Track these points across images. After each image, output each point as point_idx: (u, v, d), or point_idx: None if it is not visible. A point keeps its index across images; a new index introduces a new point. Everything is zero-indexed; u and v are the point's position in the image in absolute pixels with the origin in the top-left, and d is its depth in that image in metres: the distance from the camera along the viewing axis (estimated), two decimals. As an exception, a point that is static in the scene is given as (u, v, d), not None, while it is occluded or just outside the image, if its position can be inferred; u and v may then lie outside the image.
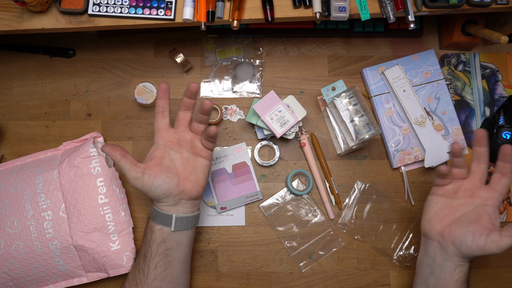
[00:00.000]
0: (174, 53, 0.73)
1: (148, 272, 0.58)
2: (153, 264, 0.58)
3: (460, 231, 0.55)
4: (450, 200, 0.58)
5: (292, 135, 0.70)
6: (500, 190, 0.56)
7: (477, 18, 0.71)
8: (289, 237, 0.72)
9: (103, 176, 0.66)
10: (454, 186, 0.58)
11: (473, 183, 0.58)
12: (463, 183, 0.58)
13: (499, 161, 0.56)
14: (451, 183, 0.59)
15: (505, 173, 0.56)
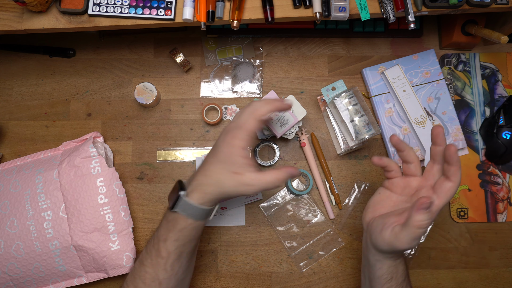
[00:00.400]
0: (174, 53, 0.73)
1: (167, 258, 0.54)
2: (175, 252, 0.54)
3: (376, 223, 0.52)
4: (392, 194, 0.55)
5: (292, 135, 0.70)
6: (441, 195, 0.50)
7: (477, 18, 0.71)
8: (289, 237, 0.72)
9: (103, 176, 0.66)
10: (403, 181, 0.55)
11: (421, 183, 0.54)
12: (412, 181, 0.54)
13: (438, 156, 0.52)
14: (400, 177, 0.55)
15: (449, 176, 0.50)
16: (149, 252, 0.55)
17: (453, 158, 0.49)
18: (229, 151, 0.51)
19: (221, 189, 0.52)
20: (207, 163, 0.54)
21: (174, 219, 0.53)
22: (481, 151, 0.74)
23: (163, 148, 0.74)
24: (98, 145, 0.70)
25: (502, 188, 0.73)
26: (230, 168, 0.51)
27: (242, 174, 0.51)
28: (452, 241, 0.72)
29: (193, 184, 0.53)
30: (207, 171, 0.53)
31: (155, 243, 0.54)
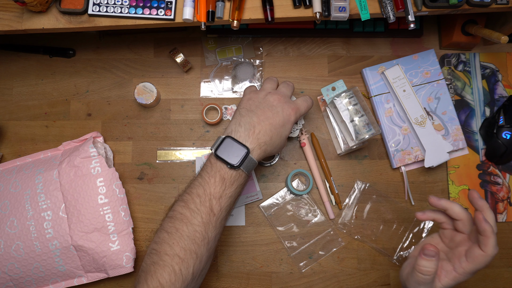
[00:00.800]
0: (174, 53, 0.73)
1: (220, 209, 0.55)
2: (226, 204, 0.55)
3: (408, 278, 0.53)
4: (440, 242, 0.56)
5: (296, 132, 0.70)
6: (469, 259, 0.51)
7: (477, 18, 0.71)
8: (289, 237, 0.72)
9: (103, 176, 0.66)
10: (451, 234, 0.55)
11: (464, 240, 0.54)
12: (458, 235, 0.54)
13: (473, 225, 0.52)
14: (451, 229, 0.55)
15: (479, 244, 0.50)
16: (196, 211, 0.53)
17: (480, 226, 0.49)
18: (290, 119, 0.59)
19: (274, 149, 0.59)
20: (267, 124, 0.57)
21: (234, 176, 0.55)
22: (481, 151, 0.74)
23: (163, 148, 0.74)
24: (98, 145, 0.70)
25: (502, 188, 0.73)
26: (287, 134, 0.59)
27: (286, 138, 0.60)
28: (452, 241, 0.72)
29: (254, 141, 0.56)
30: (269, 132, 0.57)
31: (204, 201, 0.54)
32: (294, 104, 0.60)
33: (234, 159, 0.55)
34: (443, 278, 0.51)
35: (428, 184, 0.73)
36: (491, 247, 0.49)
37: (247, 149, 0.55)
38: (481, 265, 0.50)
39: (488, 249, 0.49)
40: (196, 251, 0.52)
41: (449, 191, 0.73)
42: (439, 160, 0.70)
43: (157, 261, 0.52)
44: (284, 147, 0.62)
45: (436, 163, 0.70)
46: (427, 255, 0.50)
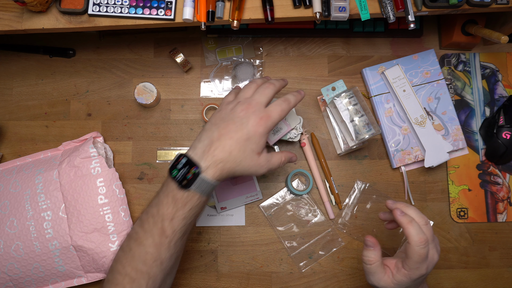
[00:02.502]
0: (174, 53, 0.73)
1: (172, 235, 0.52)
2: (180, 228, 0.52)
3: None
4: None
5: (297, 137, 0.70)
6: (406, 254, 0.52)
7: (477, 18, 0.71)
8: (289, 237, 0.72)
9: (103, 177, 0.66)
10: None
11: None
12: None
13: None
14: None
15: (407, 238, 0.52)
16: (148, 232, 0.51)
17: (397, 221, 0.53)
18: (257, 131, 0.52)
19: (238, 167, 0.52)
20: (227, 138, 0.52)
21: (185, 197, 0.51)
22: (481, 151, 0.74)
23: (163, 148, 0.74)
24: (98, 145, 0.70)
25: (502, 188, 0.73)
26: (255, 148, 0.52)
27: (260, 155, 0.53)
28: (452, 241, 0.72)
29: (209, 159, 0.51)
30: (228, 147, 0.51)
31: (157, 222, 0.51)
32: (265, 112, 0.54)
33: (183, 179, 0.51)
34: (396, 274, 0.53)
35: (428, 184, 0.73)
36: (411, 236, 0.50)
37: (199, 168, 0.51)
38: (414, 257, 0.50)
39: (409, 238, 0.51)
40: (148, 272, 0.51)
41: (449, 191, 0.73)
42: (439, 160, 0.70)
43: (111, 279, 0.52)
44: (264, 165, 0.54)
45: (436, 163, 0.70)
46: (366, 245, 0.54)
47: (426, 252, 0.51)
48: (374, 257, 0.54)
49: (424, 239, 0.50)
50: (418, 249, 0.50)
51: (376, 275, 0.54)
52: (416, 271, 0.52)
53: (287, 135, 0.69)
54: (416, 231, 0.51)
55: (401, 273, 0.52)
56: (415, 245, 0.50)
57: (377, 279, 0.54)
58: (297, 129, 0.70)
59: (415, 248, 0.50)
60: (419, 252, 0.50)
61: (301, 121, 0.70)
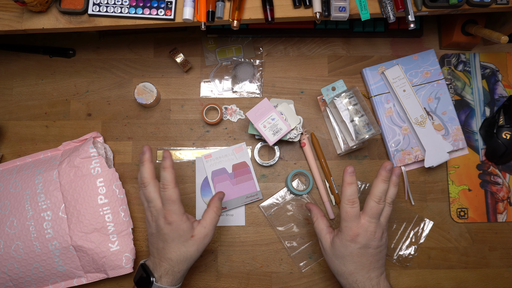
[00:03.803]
0: (174, 53, 0.73)
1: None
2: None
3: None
4: None
5: (297, 137, 0.70)
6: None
7: (477, 18, 0.71)
8: (289, 237, 0.72)
9: (103, 177, 0.66)
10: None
11: None
12: None
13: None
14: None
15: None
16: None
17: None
18: (173, 228, 0.57)
19: (188, 259, 0.59)
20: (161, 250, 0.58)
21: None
22: (481, 151, 0.74)
23: (163, 148, 0.74)
24: (98, 145, 0.70)
25: (502, 188, 0.73)
26: (185, 238, 0.58)
27: (194, 233, 0.58)
28: (452, 241, 0.72)
29: (160, 271, 0.58)
30: (168, 255, 0.58)
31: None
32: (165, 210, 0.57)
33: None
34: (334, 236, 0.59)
35: (428, 184, 0.73)
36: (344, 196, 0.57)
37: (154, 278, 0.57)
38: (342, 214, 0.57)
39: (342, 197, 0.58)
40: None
41: (449, 191, 0.73)
42: (439, 160, 0.70)
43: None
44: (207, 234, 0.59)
45: (436, 163, 0.70)
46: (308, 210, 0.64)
47: (353, 212, 0.56)
48: (313, 215, 0.62)
49: (353, 199, 0.56)
50: (346, 206, 0.57)
51: (320, 231, 0.60)
52: (345, 231, 0.57)
53: (287, 135, 0.69)
54: (350, 191, 0.57)
55: (337, 235, 0.58)
56: (344, 203, 0.57)
57: (320, 238, 0.60)
58: (297, 129, 0.70)
59: (343, 205, 0.57)
60: (346, 209, 0.57)
61: (301, 121, 0.70)
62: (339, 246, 0.57)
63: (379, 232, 0.57)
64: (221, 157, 0.73)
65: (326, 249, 0.60)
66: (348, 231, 0.57)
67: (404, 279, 0.71)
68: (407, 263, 0.71)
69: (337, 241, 0.58)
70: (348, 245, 0.57)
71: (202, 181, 0.73)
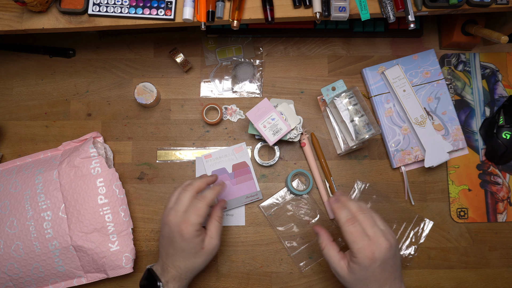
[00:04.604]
0: (174, 53, 0.73)
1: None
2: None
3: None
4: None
5: (297, 137, 0.70)
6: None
7: (477, 18, 0.71)
8: (289, 237, 0.72)
9: (103, 177, 0.66)
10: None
11: None
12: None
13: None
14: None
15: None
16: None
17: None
18: (185, 240, 0.57)
19: (196, 268, 0.60)
20: (170, 256, 0.59)
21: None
22: (481, 151, 0.74)
23: (163, 148, 0.74)
24: (98, 145, 0.70)
25: (502, 188, 0.73)
26: (195, 249, 0.58)
27: (204, 246, 0.59)
28: (452, 241, 0.72)
29: (167, 276, 0.59)
30: (176, 262, 0.59)
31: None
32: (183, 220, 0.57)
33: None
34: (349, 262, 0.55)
35: (428, 184, 0.73)
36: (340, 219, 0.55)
37: (161, 283, 0.58)
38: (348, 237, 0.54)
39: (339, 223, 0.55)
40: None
41: (449, 191, 0.73)
42: (439, 160, 0.70)
43: None
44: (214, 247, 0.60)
45: (436, 163, 0.70)
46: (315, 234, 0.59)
47: (357, 230, 0.53)
48: (322, 241, 0.58)
49: (351, 218, 0.54)
50: (347, 228, 0.54)
51: (331, 259, 0.57)
52: (360, 254, 0.53)
53: (287, 135, 0.69)
54: (345, 213, 0.55)
55: (353, 261, 0.54)
56: (344, 226, 0.54)
57: (334, 266, 0.56)
58: (297, 129, 0.70)
59: (344, 228, 0.54)
60: (349, 230, 0.54)
61: (301, 121, 0.70)
62: (359, 271, 0.53)
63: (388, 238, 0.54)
64: (221, 157, 0.73)
65: (344, 276, 0.55)
66: (363, 252, 0.52)
67: (404, 279, 0.71)
68: (407, 263, 0.71)
69: (355, 266, 0.54)
70: (368, 267, 0.53)
71: (202, 181, 0.73)
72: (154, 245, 0.71)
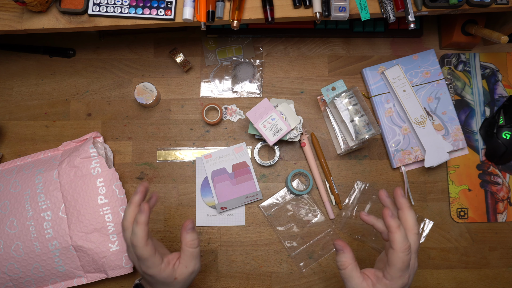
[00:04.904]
0: (174, 53, 0.73)
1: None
2: None
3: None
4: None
5: (297, 137, 0.70)
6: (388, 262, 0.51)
7: (477, 18, 0.71)
8: (289, 237, 0.72)
9: (103, 177, 0.66)
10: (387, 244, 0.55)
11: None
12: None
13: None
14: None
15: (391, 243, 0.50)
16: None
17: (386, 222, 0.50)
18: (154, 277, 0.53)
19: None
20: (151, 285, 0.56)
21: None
22: (481, 151, 0.74)
23: (163, 148, 0.74)
24: (98, 145, 0.70)
25: (502, 188, 0.73)
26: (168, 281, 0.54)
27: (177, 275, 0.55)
28: (452, 241, 0.72)
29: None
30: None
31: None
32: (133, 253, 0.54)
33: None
34: (376, 284, 0.51)
35: (428, 184, 0.73)
36: (397, 242, 0.48)
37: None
38: (397, 264, 0.49)
39: (395, 245, 0.49)
40: None
41: (449, 191, 0.73)
42: (439, 160, 0.70)
43: None
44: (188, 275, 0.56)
45: (436, 163, 0.70)
46: (336, 249, 0.53)
47: (409, 259, 0.49)
48: (346, 260, 0.52)
49: (408, 245, 0.49)
50: (403, 255, 0.48)
51: (353, 280, 0.51)
52: (398, 280, 0.49)
53: (287, 135, 0.69)
54: (402, 237, 0.49)
55: (382, 283, 0.50)
56: (400, 251, 0.49)
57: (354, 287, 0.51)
58: (297, 129, 0.70)
59: (399, 254, 0.48)
60: (403, 259, 0.49)
61: (301, 121, 0.70)
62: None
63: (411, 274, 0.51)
64: (221, 157, 0.73)
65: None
66: (401, 280, 0.50)
67: (404, 279, 0.71)
68: (407, 263, 0.71)
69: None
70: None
71: (202, 181, 0.73)
72: (154, 245, 0.71)
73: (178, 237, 0.72)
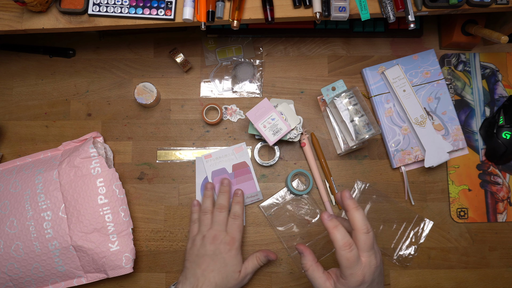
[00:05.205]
0: (174, 53, 0.73)
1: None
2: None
3: None
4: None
5: (297, 137, 0.70)
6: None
7: (477, 18, 0.71)
8: (289, 237, 0.72)
9: (103, 177, 0.66)
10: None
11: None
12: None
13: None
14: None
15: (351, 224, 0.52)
16: None
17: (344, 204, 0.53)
18: (232, 255, 0.63)
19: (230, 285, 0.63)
20: (209, 271, 0.62)
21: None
22: (481, 151, 0.74)
23: (163, 148, 0.74)
24: (98, 145, 0.70)
25: (502, 188, 0.73)
26: (235, 269, 0.63)
27: (241, 269, 0.64)
28: (452, 241, 0.72)
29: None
30: (212, 279, 0.61)
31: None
32: (228, 236, 0.64)
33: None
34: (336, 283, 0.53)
35: (428, 184, 0.73)
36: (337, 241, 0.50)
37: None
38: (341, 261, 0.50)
39: (334, 244, 0.51)
40: None
41: (449, 191, 0.73)
42: (439, 160, 0.70)
43: None
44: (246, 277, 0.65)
45: (436, 163, 0.70)
46: (299, 253, 0.57)
47: (354, 256, 0.50)
48: (306, 262, 0.55)
49: (348, 242, 0.50)
50: (344, 253, 0.50)
51: (316, 281, 0.54)
52: (351, 278, 0.50)
53: (287, 135, 0.69)
54: (341, 235, 0.51)
55: (340, 282, 0.52)
56: (340, 249, 0.50)
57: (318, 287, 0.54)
58: (297, 129, 0.70)
59: (340, 252, 0.50)
60: (346, 256, 0.50)
61: (301, 121, 0.70)
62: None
63: (377, 257, 0.52)
64: (221, 157, 0.73)
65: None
66: (354, 278, 0.51)
67: (404, 279, 0.71)
68: (407, 263, 0.71)
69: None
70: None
71: (202, 181, 0.73)
72: (154, 245, 0.71)
73: (178, 237, 0.72)
